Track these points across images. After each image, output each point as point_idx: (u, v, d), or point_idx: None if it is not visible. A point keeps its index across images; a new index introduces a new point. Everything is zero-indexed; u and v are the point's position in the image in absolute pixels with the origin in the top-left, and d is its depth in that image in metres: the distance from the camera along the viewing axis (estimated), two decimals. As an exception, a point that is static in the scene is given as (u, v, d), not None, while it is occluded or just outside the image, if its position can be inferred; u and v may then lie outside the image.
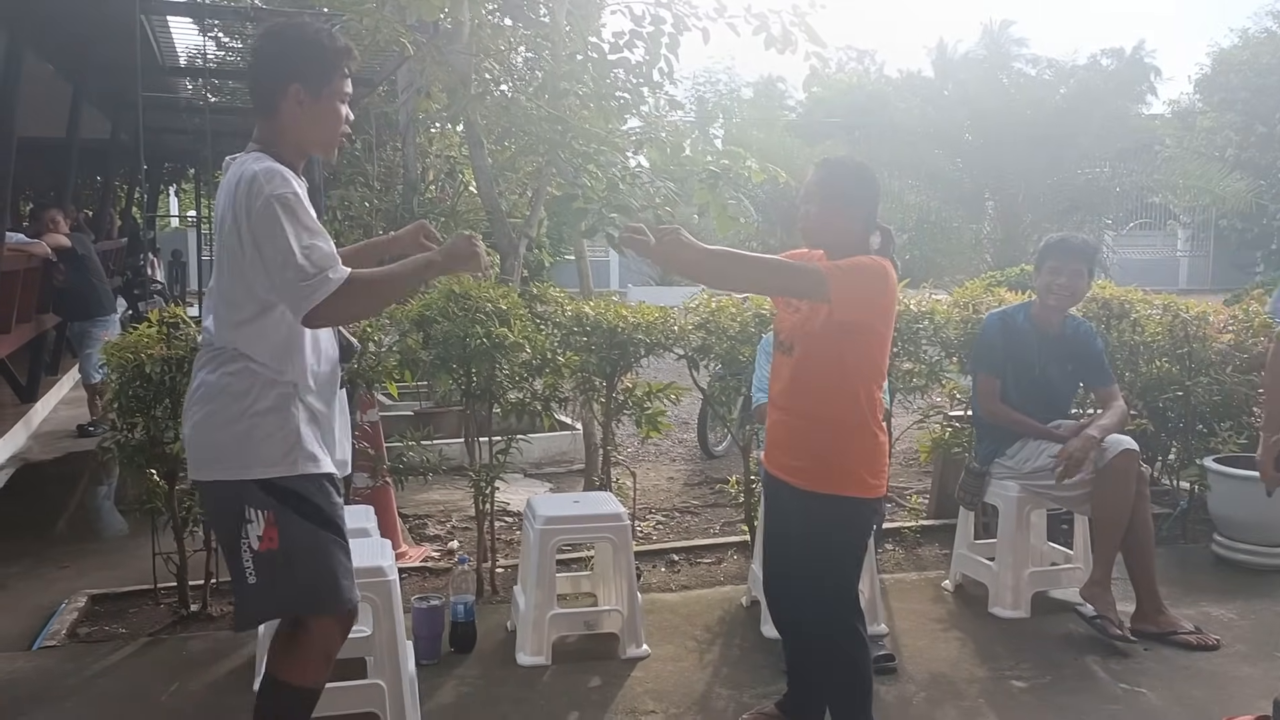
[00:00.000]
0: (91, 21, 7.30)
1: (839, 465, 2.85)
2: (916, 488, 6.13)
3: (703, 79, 28.15)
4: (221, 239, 2.45)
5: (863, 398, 2.85)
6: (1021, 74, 19.93)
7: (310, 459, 2.49)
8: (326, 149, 2.59)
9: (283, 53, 2.49)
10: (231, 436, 2.44)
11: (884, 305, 2.87)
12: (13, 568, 4.90)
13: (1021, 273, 6.96)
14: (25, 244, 7.65)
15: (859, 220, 2.90)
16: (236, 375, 2.45)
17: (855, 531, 2.92)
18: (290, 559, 2.46)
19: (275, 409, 2.46)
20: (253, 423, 2.44)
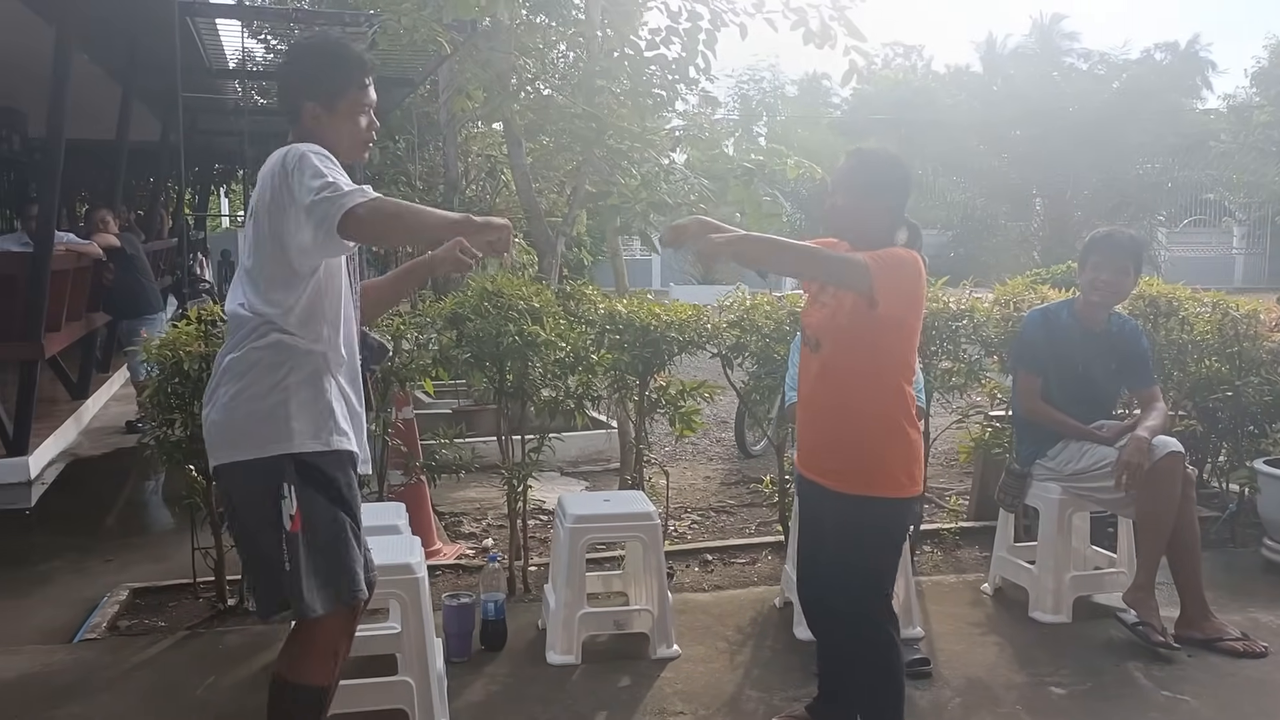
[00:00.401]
0: (139, 24, 7.42)
1: (874, 465, 2.80)
2: (957, 489, 6.05)
3: (746, 77, 28.06)
4: (258, 217, 2.47)
5: (895, 394, 2.81)
6: (1073, 69, 19.62)
7: (343, 434, 2.51)
8: (350, 157, 2.62)
9: (299, 70, 2.62)
10: (266, 409, 2.44)
11: (917, 299, 2.83)
12: (59, 560, 4.99)
13: (1068, 270, 6.81)
14: (76, 244, 7.79)
15: (887, 212, 2.85)
16: (269, 349, 2.46)
17: (892, 533, 2.87)
18: (314, 543, 2.46)
19: (308, 382, 2.47)
20: (286, 395, 2.44)
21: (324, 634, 2.51)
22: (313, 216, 2.35)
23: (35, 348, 6.55)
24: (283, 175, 2.40)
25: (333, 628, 2.51)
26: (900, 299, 2.74)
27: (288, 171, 2.39)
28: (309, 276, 2.48)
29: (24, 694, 3.48)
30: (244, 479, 2.50)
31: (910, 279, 2.76)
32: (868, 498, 2.79)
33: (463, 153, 10.71)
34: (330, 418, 2.49)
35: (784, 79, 30.88)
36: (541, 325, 4.28)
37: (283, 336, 2.46)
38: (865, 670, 2.85)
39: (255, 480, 2.47)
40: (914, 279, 2.77)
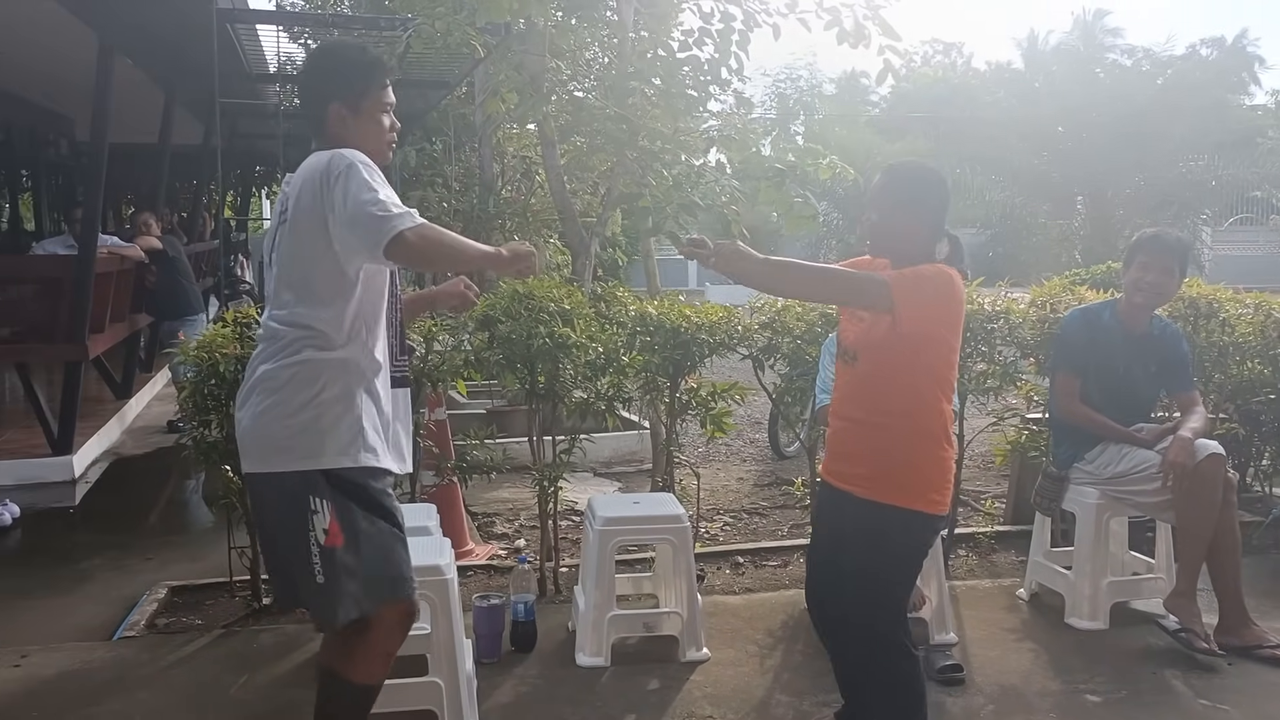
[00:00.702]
0: (180, 31, 7.52)
1: (904, 476, 2.75)
2: (993, 492, 5.98)
3: (783, 76, 27.93)
4: (294, 225, 2.50)
5: (931, 410, 2.76)
6: (1116, 65, 19.36)
7: (371, 451, 2.53)
8: (375, 159, 2.62)
9: (322, 73, 2.67)
10: (299, 425, 2.47)
11: (950, 315, 2.77)
12: (100, 558, 5.07)
13: (1108, 270, 6.72)
14: (119, 247, 7.92)
15: (925, 227, 2.81)
16: (303, 365, 2.49)
17: (913, 547, 2.82)
18: (355, 553, 2.48)
19: (340, 398, 2.50)
20: (319, 411, 2.47)
21: (378, 634, 2.55)
22: (358, 230, 2.39)
23: (80, 349, 6.66)
24: (325, 180, 2.42)
25: (386, 628, 2.56)
26: (925, 316, 2.68)
27: (332, 177, 2.42)
28: (350, 288, 2.50)
29: (64, 691, 3.55)
30: (273, 490, 2.55)
31: (938, 295, 2.71)
32: (895, 507, 2.74)
33: (498, 154, 10.78)
34: (360, 435, 2.51)
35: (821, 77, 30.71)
36: (572, 327, 4.29)
37: (317, 353, 2.50)
38: (881, 684, 2.80)
39: (284, 492, 2.51)
40: (943, 295, 2.72)
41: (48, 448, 6.64)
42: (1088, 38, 20.34)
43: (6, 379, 9.21)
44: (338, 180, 2.41)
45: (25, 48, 8.96)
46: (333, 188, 2.41)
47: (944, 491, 2.80)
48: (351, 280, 2.51)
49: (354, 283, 2.52)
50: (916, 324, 2.67)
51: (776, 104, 28.60)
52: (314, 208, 2.44)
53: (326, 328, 2.50)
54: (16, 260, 8.77)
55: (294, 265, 2.53)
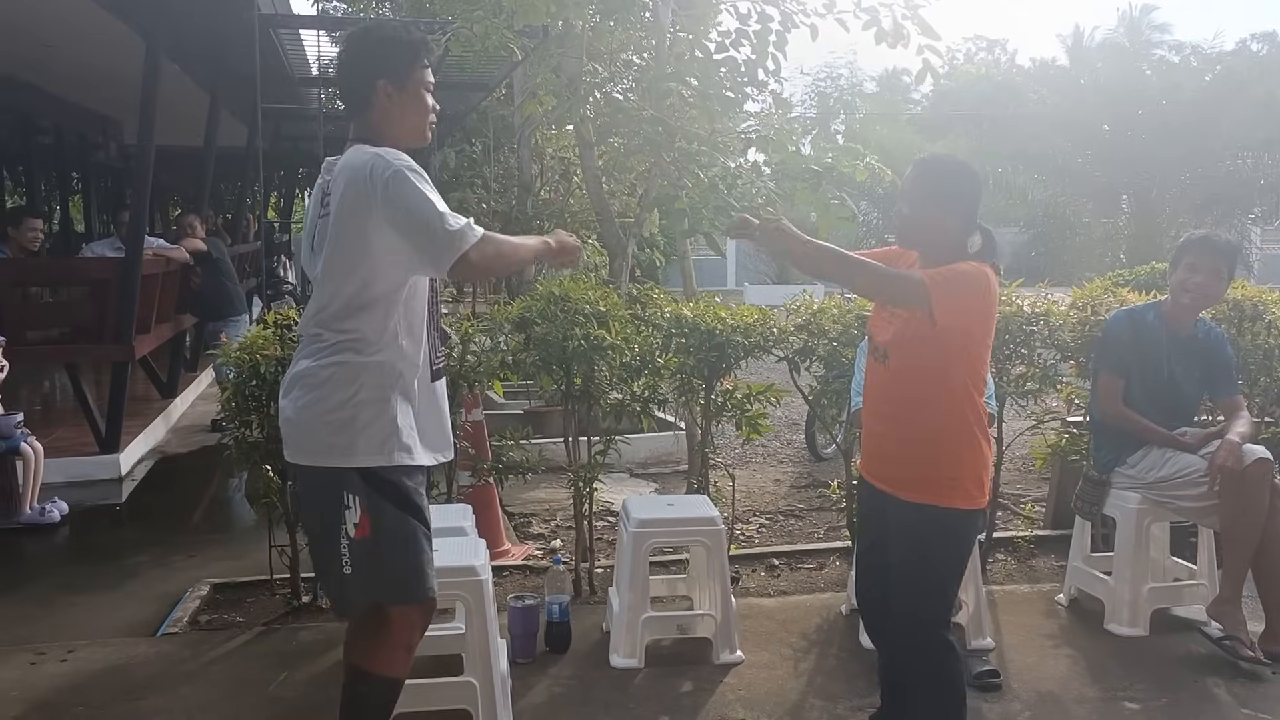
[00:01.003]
0: (225, 36, 7.65)
1: (944, 475, 2.75)
2: (1033, 495, 5.92)
3: (823, 74, 27.75)
4: (336, 227, 2.51)
5: (966, 405, 2.76)
6: (1163, 61, 19.07)
7: (405, 450, 2.56)
8: (418, 138, 2.67)
9: (367, 52, 2.63)
10: (336, 423, 2.52)
11: (984, 311, 2.77)
12: (145, 555, 5.15)
13: (1151, 271, 6.62)
14: (164, 248, 8.05)
15: (956, 222, 2.80)
16: (340, 366, 2.53)
17: (958, 544, 2.82)
18: (382, 547, 2.54)
19: (375, 400, 2.53)
20: (354, 412, 2.52)
21: (396, 627, 2.59)
22: (420, 245, 2.44)
23: (127, 349, 6.78)
24: (371, 185, 2.43)
25: (405, 622, 2.60)
26: (961, 314, 2.68)
27: (379, 184, 2.43)
28: (394, 293, 2.53)
29: (110, 685, 3.62)
30: (311, 481, 2.62)
31: (974, 293, 2.70)
32: (936, 507, 2.74)
33: (537, 155, 10.83)
34: (395, 434, 2.55)
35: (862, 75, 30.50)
36: (608, 329, 4.30)
37: (355, 356, 2.53)
38: (925, 680, 2.81)
39: (320, 485, 2.57)
40: (978, 292, 2.71)
41: (95, 446, 6.76)
42: (1134, 33, 20.05)
43: (57, 379, 9.39)
44: (387, 188, 2.42)
45: (76, 53, 9.16)
46: (384, 197, 2.42)
47: (983, 485, 2.80)
48: (397, 285, 2.53)
49: (399, 287, 2.54)
50: (952, 320, 2.67)
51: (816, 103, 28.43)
52: (358, 212, 2.46)
53: (366, 332, 2.53)
54: (66, 262, 8.95)
55: (336, 267, 2.55)
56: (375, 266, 2.50)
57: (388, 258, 2.48)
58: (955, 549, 2.81)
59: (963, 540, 2.82)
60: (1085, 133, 15.47)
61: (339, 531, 2.53)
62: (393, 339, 2.55)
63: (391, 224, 2.44)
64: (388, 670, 2.61)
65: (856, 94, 28.60)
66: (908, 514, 2.79)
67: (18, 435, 5.58)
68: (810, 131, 14.53)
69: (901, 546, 2.81)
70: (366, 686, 2.61)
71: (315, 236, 2.63)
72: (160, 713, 3.41)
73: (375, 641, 2.60)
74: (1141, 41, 19.97)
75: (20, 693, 3.55)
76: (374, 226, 2.45)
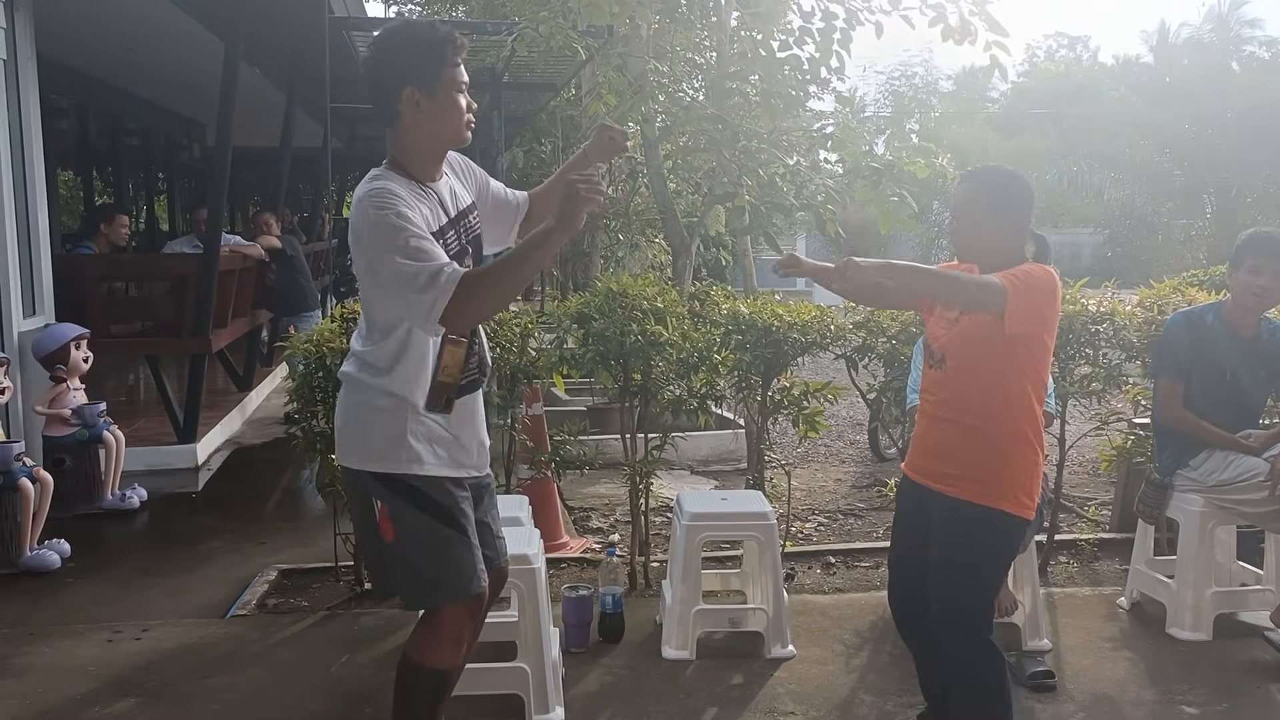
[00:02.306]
0: (300, 39, 7.85)
1: (996, 477, 2.72)
2: (1100, 498, 5.82)
3: (898, 73, 27.44)
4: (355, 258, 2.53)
5: (1024, 411, 2.73)
6: (1253, 58, 18.53)
7: (415, 460, 2.54)
8: (457, 141, 2.58)
9: (390, 60, 2.51)
10: (355, 427, 2.59)
11: (1052, 317, 2.76)
12: (218, 542, 5.33)
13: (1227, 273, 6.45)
14: (241, 245, 8.30)
15: (1011, 232, 2.79)
16: (352, 381, 2.60)
17: (1002, 548, 2.79)
18: (407, 551, 2.56)
19: (387, 410, 2.54)
20: (368, 419, 2.56)
21: (446, 622, 2.63)
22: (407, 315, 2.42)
23: (204, 343, 7.01)
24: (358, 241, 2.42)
25: (453, 617, 2.63)
26: (1033, 319, 2.67)
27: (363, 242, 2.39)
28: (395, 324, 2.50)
29: (181, 663, 3.77)
30: (346, 479, 2.71)
31: (1045, 298, 2.69)
32: (986, 508, 2.72)
33: (605, 155, 10.89)
34: (402, 444, 2.53)
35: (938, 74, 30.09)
36: (665, 325, 4.35)
37: (367, 376, 2.54)
38: (966, 683, 2.78)
39: (352, 484, 2.67)
40: (1049, 298, 2.71)
41: (174, 436, 7.00)
42: (1222, 30, 19.50)
43: (141, 371, 9.71)
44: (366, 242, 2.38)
45: (158, 57, 9.47)
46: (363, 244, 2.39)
47: (1032, 494, 2.76)
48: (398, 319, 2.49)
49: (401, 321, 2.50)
50: (1024, 325, 2.65)
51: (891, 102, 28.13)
52: (357, 255, 2.46)
53: (373, 359, 2.54)
54: (147, 259, 9.26)
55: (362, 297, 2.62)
56: (376, 297, 2.50)
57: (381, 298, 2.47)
58: (995, 551, 2.77)
59: (1003, 543, 2.78)
60: (1167, 132, 15.08)
61: (373, 528, 2.60)
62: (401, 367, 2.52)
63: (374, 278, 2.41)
64: (435, 662, 2.65)
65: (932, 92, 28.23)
66: (953, 511, 2.76)
67: (101, 424, 5.80)
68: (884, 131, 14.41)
69: (944, 544, 2.78)
70: (414, 675, 2.66)
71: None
72: (227, 690, 3.54)
73: (425, 634, 2.66)
74: (1230, 38, 19.41)
75: (97, 669, 3.71)
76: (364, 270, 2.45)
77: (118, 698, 3.49)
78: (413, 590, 2.64)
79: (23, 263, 6.10)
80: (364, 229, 2.39)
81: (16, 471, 4.79)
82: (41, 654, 3.85)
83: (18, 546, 4.77)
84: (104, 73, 10.55)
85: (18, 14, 6.00)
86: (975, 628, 2.74)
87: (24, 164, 6.10)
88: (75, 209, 12.74)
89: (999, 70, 6.00)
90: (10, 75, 5.95)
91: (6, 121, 5.86)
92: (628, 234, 9.77)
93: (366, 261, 2.42)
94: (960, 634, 2.75)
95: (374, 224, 2.37)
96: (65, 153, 11.27)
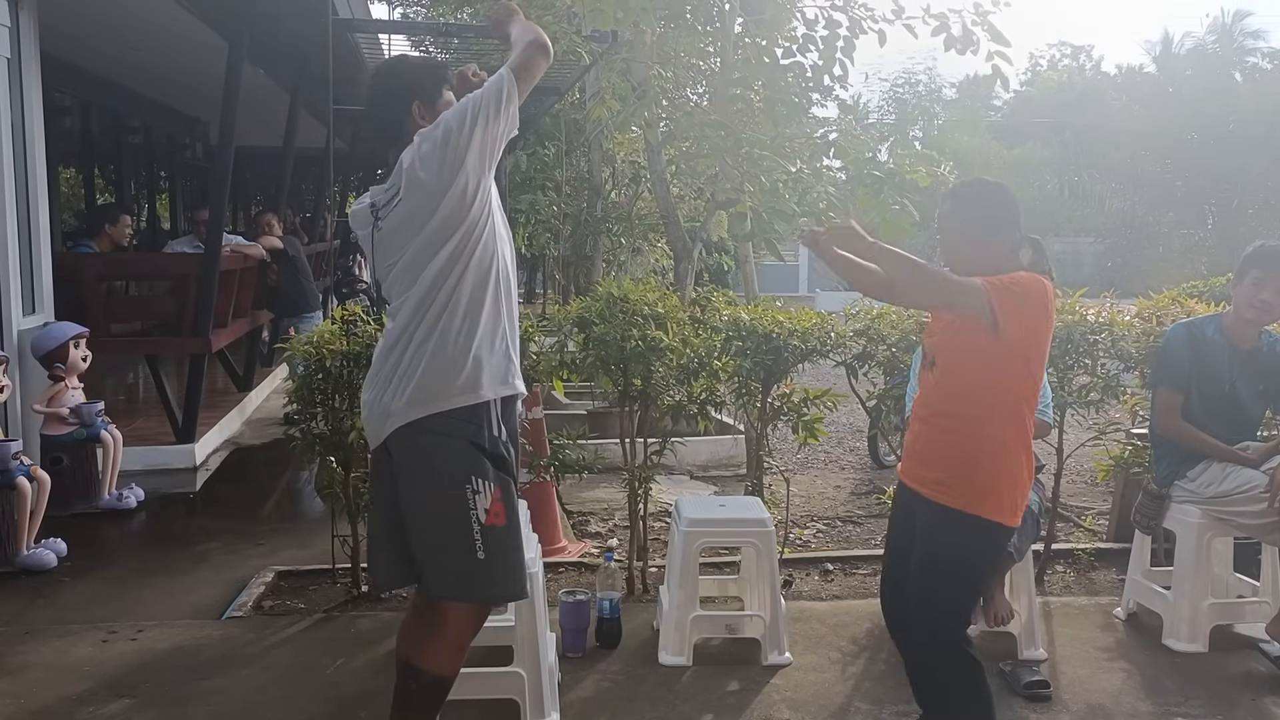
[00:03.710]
0: (303, 38, 7.84)
1: (977, 484, 2.72)
2: (1097, 508, 5.82)
3: (901, 81, 27.48)
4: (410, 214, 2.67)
5: (1011, 418, 2.73)
6: (1256, 69, 18.56)
7: (500, 379, 2.71)
8: None
9: (401, 80, 2.85)
10: (439, 366, 2.68)
11: (1041, 324, 2.74)
12: (215, 543, 5.33)
13: (1227, 283, 6.45)
14: (242, 245, 8.30)
15: (1000, 243, 2.79)
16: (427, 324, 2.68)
17: (982, 556, 2.80)
18: (511, 538, 2.68)
19: (464, 342, 2.69)
20: (450, 355, 2.68)
21: (455, 626, 2.68)
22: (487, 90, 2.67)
23: (204, 343, 7.00)
24: (438, 140, 2.62)
25: (464, 623, 2.69)
26: (1022, 324, 2.66)
27: (441, 133, 2.62)
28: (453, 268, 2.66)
29: (176, 664, 3.77)
30: (418, 451, 2.74)
31: (1033, 305, 2.68)
32: (967, 514, 2.72)
33: (608, 159, 10.92)
34: (485, 368, 2.70)
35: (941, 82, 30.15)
36: (665, 330, 4.35)
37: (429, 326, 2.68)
38: (944, 686, 2.81)
39: (435, 456, 2.70)
40: (1037, 304, 2.69)
41: (173, 436, 6.99)
42: (1225, 41, 19.54)
43: (140, 371, 9.71)
44: (442, 130, 2.64)
45: (162, 55, 9.48)
46: (441, 134, 2.64)
47: (1016, 502, 2.76)
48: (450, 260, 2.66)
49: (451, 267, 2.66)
50: (1014, 331, 2.65)
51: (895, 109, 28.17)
52: (425, 180, 2.63)
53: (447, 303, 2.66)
54: (148, 258, 9.25)
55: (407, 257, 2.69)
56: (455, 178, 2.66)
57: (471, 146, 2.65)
58: (973, 558, 2.77)
59: (983, 551, 2.78)
60: (1169, 142, 15.10)
61: (460, 515, 2.62)
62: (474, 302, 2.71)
63: (461, 134, 2.63)
64: (437, 668, 2.69)
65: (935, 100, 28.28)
66: (932, 515, 2.78)
67: (98, 423, 5.80)
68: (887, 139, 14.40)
69: (921, 548, 2.80)
70: (416, 682, 2.69)
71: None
72: (221, 692, 3.54)
73: (429, 638, 2.69)
74: (1234, 49, 19.46)
75: (91, 668, 3.71)
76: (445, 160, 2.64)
77: (112, 698, 3.49)
78: (498, 585, 2.67)
79: (23, 260, 6.09)
80: (437, 132, 2.65)
81: (14, 470, 4.78)
82: (37, 653, 3.84)
83: (14, 545, 4.75)
84: (107, 71, 10.55)
85: (22, 11, 6.00)
86: (950, 635, 2.75)
87: (26, 161, 6.09)
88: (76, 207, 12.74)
89: (1001, 79, 6.02)
90: (14, 73, 5.95)
91: (9, 119, 5.86)
92: (630, 238, 9.78)
93: (447, 135, 2.62)
94: (934, 640, 2.76)
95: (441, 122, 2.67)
96: (67, 150, 11.29)
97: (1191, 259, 13.67)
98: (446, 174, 2.59)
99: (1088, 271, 14.41)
